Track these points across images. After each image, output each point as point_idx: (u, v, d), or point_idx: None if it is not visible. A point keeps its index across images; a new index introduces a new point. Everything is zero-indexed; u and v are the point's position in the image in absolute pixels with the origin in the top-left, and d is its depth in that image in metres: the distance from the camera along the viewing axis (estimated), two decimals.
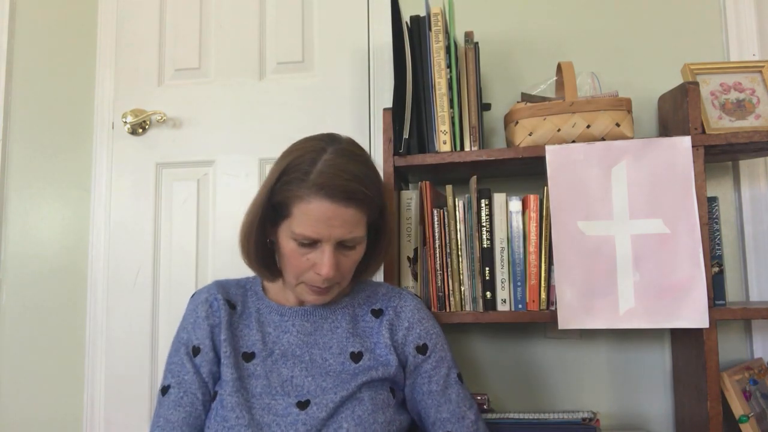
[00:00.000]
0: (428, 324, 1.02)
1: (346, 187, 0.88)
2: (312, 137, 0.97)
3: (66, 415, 1.54)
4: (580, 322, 1.10)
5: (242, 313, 1.01)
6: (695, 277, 1.07)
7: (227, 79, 1.57)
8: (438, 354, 1.00)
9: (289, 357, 0.96)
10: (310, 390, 0.92)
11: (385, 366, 0.96)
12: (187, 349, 0.97)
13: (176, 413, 0.93)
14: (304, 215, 0.89)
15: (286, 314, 1.00)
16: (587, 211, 1.12)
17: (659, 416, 1.30)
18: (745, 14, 1.35)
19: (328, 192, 0.87)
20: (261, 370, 0.94)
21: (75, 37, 1.66)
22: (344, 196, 0.88)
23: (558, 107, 1.18)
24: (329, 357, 0.96)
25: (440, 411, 0.97)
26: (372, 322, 1.01)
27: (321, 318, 1.00)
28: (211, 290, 1.02)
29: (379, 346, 0.98)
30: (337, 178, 0.88)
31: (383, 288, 1.07)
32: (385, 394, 0.95)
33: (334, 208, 0.88)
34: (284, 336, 0.98)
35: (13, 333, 1.57)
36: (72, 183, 1.62)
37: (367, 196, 0.91)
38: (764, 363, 1.24)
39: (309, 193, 0.88)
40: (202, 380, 0.95)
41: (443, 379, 0.99)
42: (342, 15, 1.54)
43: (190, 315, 1.01)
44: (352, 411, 0.90)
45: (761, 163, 1.31)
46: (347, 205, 0.89)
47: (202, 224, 1.55)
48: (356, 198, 0.89)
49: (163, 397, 0.95)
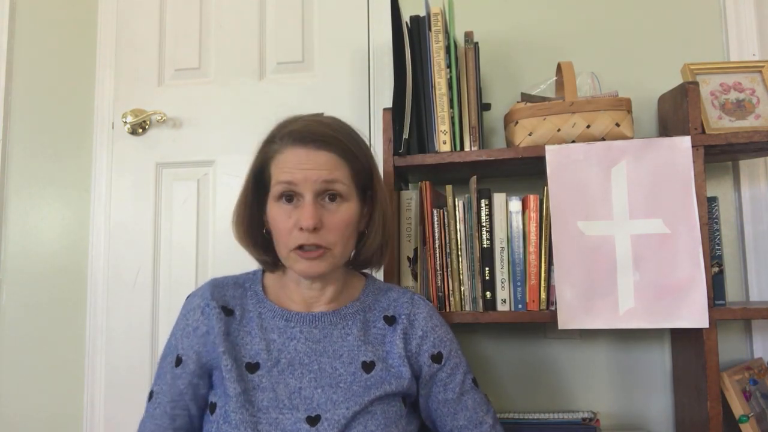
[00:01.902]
0: (442, 331, 0.99)
1: (320, 133, 0.90)
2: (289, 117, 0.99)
3: (66, 414, 1.54)
4: (580, 322, 1.10)
5: (242, 318, 0.94)
6: (695, 277, 1.07)
7: (227, 79, 1.57)
8: (453, 361, 0.97)
9: (297, 366, 0.90)
10: (320, 403, 0.88)
11: (398, 378, 0.92)
12: (173, 357, 0.94)
13: (150, 424, 0.94)
14: (280, 166, 0.90)
15: (292, 320, 0.94)
16: (587, 211, 1.12)
17: (659, 416, 1.30)
18: (745, 14, 1.35)
19: (300, 138, 0.90)
20: (267, 382, 0.89)
21: (75, 37, 1.66)
22: (315, 138, 0.89)
23: (558, 107, 1.18)
24: (339, 366, 0.91)
25: (457, 419, 0.95)
26: (385, 329, 0.96)
27: (330, 324, 0.94)
28: (205, 294, 0.95)
29: (392, 356, 0.94)
30: (310, 127, 0.91)
31: (394, 292, 1.02)
32: (397, 405, 0.92)
33: (306, 152, 0.89)
34: (291, 343, 0.92)
35: (13, 332, 1.57)
36: (72, 183, 1.62)
37: (342, 143, 0.91)
38: (764, 363, 1.24)
39: (282, 145, 0.91)
40: (177, 392, 0.92)
41: (459, 386, 0.96)
42: (342, 15, 1.54)
43: (181, 321, 0.96)
44: (365, 426, 0.87)
45: (761, 163, 1.32)
46: (319, 148, 0.89)
47: (202, 224, 1.55)
48: (329, 143, 0.90)
49: (149, 403, 0.96)
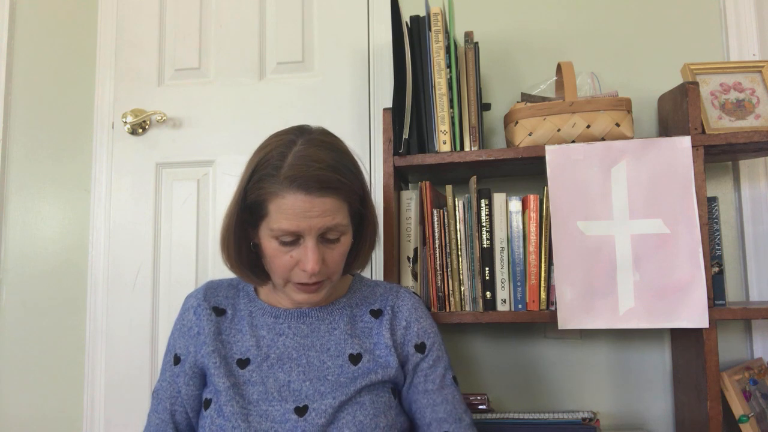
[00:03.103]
0: (426, 323, 1.01)
1: (320, 177, 0.85)
2: (282, 131, 0.94)
3: (66, 414, 1.54)
4: (580, 322, 1.10)
5: (233, 317, 0.98)
6: (695, 277, 1.07)
7: (227, 79, 1.57)
8: (435, 353, 0.99)
9: (286, 361, 0.93)
10: (308, 395, 0.90)
11: (385, 368, 0.94)
12: (171, 355, 0.98)
13: (155, 418, 0.97)
14: (281, 211, 0.86)
15: (280, 316, 0.97)
16: (587, 211, 1.12)
17: (659, 416, 1.30)
18: (745, 14, 1.35)
19: (301, 184, 0.84)
20: (257, 376, 0.92)
21: (75, 37, 1.66)
22: (318, 185, 0.85)
23: (558, 107, 1.18)
24: (327, 360, 0.93)
25: (436, 411, 0.96)
26: (371, 322, 0.99)
27: (317, 319, 0.97)
28: (199, 296, 1.00)
29: (380, 347, 0.96)
30: (310, 169, 0.85)
31: (381, 287, 1.04)
32: (386, 396, 0.94)
33: (309, 199, 0.85)
34: (279, 339, 0.95)
35: (13, 333, 1.57)
36: (72, 183, 1.62)
37: (343, 184, 0.87)
38: (764, 363, 1.24)
39: (282, 188, 0.85)
40: (175, 390, 0.96)
41: (440, 379, 0.98)
42: (342, 15, 1.54)
43: (178, 321, 1.00)
44: (353, 416, 0.89)
45: (761, 163, 1.31)
46: (323, 195, 0.85)
47: (202, 224, 1.55)
48: (331, 187, 0.86)
49: (152, 398, 0.99)
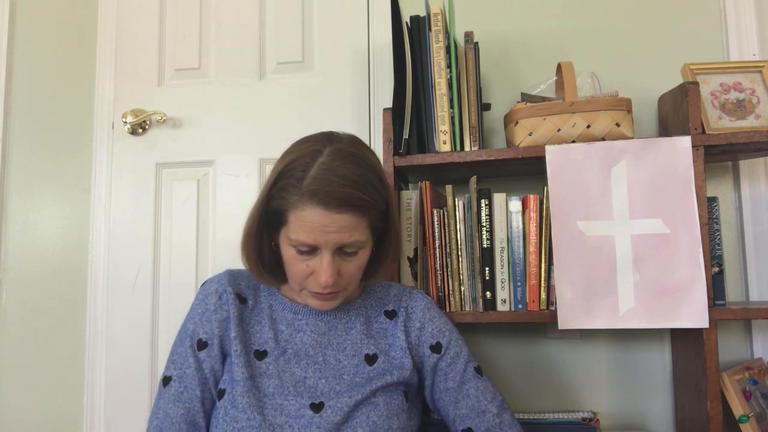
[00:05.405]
0: (440, 322, 1.02)
1: (341, 194, 0.84)
2: (309, 138, 0.93)
3: (66, 415, 1.54)
4: (580, 322, 1.10)
5: (254, 308, 0.98)
6: (695, 277, 1.07)
7: (227, 79, 1.57)
8: (453, 350, 1.00)
9: (302, 357, 0.94)
10: (324, 392, 0.91)
11: (400, 369, 0.95)
12: (192, 341, 0.95)
13: (176, 408, 0.91)
14: (299, 222, 0.86)
15: (299, 312, 0.98)
16: (587, 211, 1.12)
17: (659, 416, 1.30)
18: (745, 14, 1.34)
19: (321, 199, 0.84)
20: (273, 369, 0.92)
21: (75, 37, 1.66)
22: (338, 202, 0.84)
23: (558, 107, 1.18)
24: (343, 359, 0.95)
25: (458, 407, 0.97)
26: (386, 323, 1.00)
27: (335, 318, 0.98)
28: (222, 281, 0.98)
29: (395, 348, 0.98)
30: (331, 184, 0.84)
31: (394, 288, 1.06)
32: (399, 399, 0.95)
33: (328, 215, 0.84)
34: (297, 335, 0.96)
35: (13, 333, 1.57)
36: (72, 183, 1.62)
37: (364, 201, 0.87)
38: (764, 363, 1.24)
39: (302, 200, 0.85)
40: (203, 376, 0.93)
41: (459, 375, 0.99)
42: (342, 15, 1.54)
43: (198, 305, 0.98)
44: (367, 416, 0.90)
45: (761, 163, 1.31)
46: (341, 211, 0.85)
47: (202, 224, 1.55)
48: (352, 204, 0.85)
49: (164, 389, 0.93)
